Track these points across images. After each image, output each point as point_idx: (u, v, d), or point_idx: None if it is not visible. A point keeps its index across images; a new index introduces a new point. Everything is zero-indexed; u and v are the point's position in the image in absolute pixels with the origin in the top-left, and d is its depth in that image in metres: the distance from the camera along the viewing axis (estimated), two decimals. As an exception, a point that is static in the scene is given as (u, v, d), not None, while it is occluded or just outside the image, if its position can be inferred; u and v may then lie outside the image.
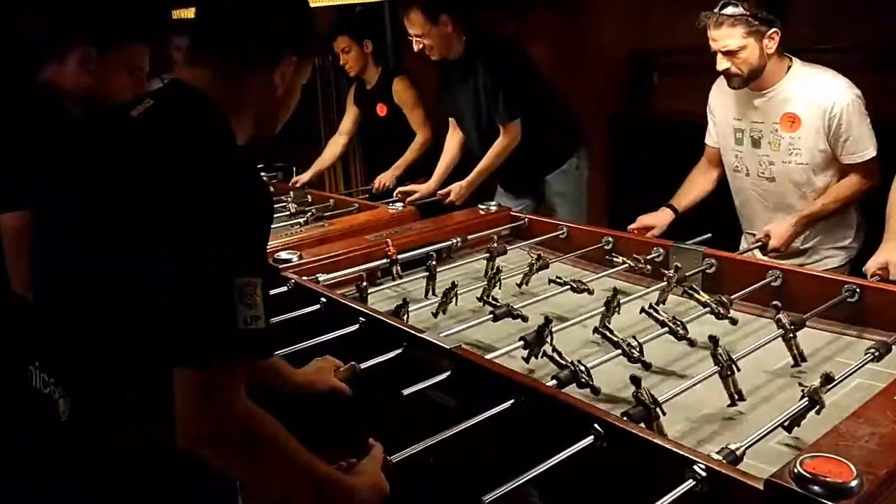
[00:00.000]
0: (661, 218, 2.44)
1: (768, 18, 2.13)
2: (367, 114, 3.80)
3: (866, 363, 1.40)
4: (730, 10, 2.13)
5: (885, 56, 2.94)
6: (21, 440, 1.18)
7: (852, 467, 0.98)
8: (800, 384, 1.28)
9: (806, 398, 1.24)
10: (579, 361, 1.40)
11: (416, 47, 3.00)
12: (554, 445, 1.16)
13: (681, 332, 1.57)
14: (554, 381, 1.37)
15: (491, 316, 1.70)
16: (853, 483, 0.96)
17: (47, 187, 1.18)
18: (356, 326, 1.66)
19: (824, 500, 0.94)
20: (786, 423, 1.21)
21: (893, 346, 1.46)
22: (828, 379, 1.28)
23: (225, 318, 0.97)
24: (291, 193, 3.32)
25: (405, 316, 1.75)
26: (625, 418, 1.21)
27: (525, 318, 1.71)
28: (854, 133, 2.17)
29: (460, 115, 3.22)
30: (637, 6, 3.48)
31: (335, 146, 3.95)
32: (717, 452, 1.10)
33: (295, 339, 1.58)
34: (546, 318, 1.55)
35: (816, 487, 0.96)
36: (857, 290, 1.70)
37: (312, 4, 1.49)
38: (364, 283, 1.93)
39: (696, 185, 2.55)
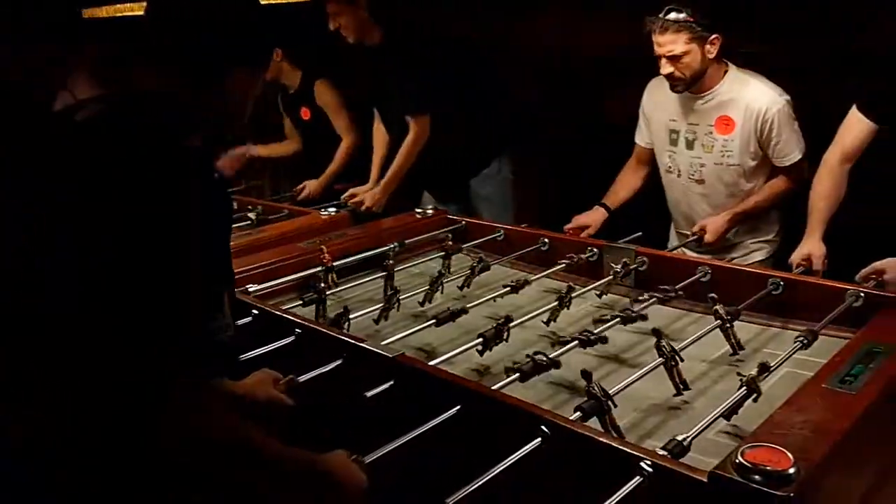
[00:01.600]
0: (595, 217, 2.49)
1: (710, 24, 2.20)
2: (293, 119, 3.75)
3: (797, 350, 1.47)
4: (674, 15, 2.19)
5: (813, 64, 3.08)
6: None
7: (789, 455, 1.01)
8: (738, 374, 1.33)
9: (744, 387, 1.29)
10: (536, 352, 1.43)
11: (331, 25, 2.98)
12: (502, 449, 1.16)
13: (633, 314, 1.64)
14: (517, 374, 1.39)
15: (434, 321, 1.69)
16: (791, 470, 0.99)
17: None
18: (292, 338, 1.62)
19: (765, 489, 0.98)
20: (725, 413, 1.26)
21: (819, 334, 1.53)
22: (764, 367, 1.33)
23: (196, 328, 0.96)
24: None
25: (346, 325, 1.72)
26: (578, 412, 1.23)
27: (465, 311, 1.72)
28: (784, 137, 2.27)
29: (381, 106, 3.19)
30: (570, 14, 3.53)
31: (287, 146, 3.87)
32: (665, 445, 1.13)
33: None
34: (507, 316, 1.58)
35: (757, 476, 0.99)
36: (781, 283, 1.77)
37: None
38: (321, 285, 1.90)
39: (627, 184, 2.62)
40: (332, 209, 2.77)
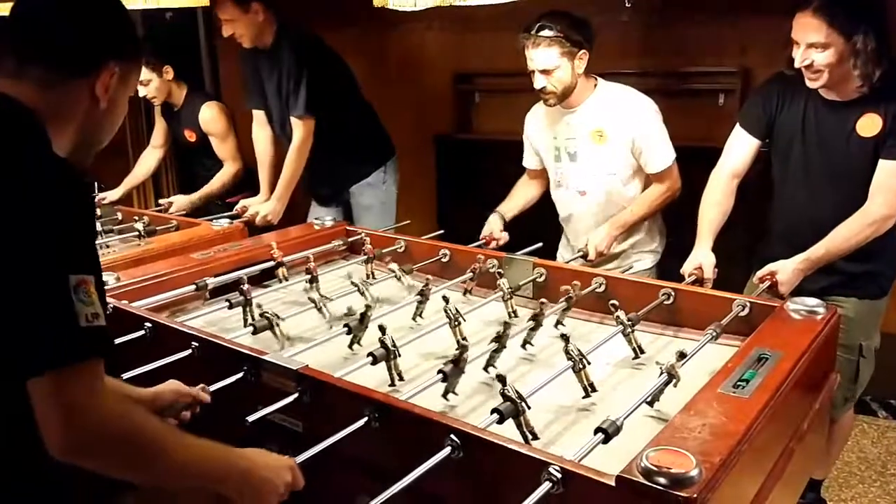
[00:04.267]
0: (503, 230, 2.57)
1: (579, 40, 2.32)
2: (175, 135, 3.58)
3: (707, 342, 1.57)
4: (546, 31, 2.29)
5: (674, 82, 3.28)
6: None
7: (692, 457, 1.05)
8: (657, 362, 1.39)
9: (665, 374, 1.34)
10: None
11: (225, 33, 2.93)
12: (411, 460, 1.14)
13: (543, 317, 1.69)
14: (439, 375, 1.40)
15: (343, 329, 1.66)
16: (693, 472, 1.02)
17: None
18: (188, 352, 1.56)
19: (670, 490, 1.00)
20: (649, 399, 1.31)
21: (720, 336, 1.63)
22: (681, 355, 1.40)
23: (66, 317, 0.95)
24: (98, 211, 3.04)
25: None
26: (495, 414, 1.24)
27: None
28: (654, 143, 2.39)
29: (269, 109, 3.13)
30: (457, 29, 3.59)
31: (148, 161, 3.71)
32: (601, 424, 1.18)
33: (117, 370, 1.43)
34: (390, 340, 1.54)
35: (662, 479, 1.02)
36: (672, 293, 1.84)
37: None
38: (246, 287, 1.87)
39: (521, 194, 2.70)
40: (224, 221, 2.70)
